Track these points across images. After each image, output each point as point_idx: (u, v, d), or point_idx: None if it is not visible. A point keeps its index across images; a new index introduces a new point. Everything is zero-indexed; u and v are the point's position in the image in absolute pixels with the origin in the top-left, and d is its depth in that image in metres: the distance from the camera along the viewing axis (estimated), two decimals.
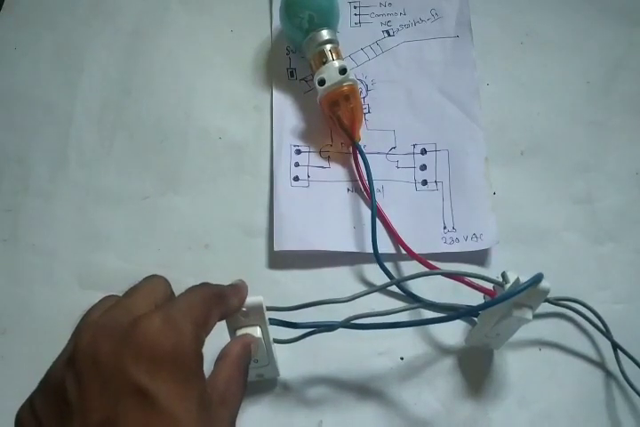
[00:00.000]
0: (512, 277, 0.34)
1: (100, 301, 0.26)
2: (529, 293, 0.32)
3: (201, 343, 0.25)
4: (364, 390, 0.40)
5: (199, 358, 0.24)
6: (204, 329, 0.26)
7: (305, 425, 0.38)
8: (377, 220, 0.43)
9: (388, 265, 0.42)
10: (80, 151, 0.47)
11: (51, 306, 0.42)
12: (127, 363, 0.22)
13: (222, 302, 0.28)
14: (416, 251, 0.42)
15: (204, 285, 0.28)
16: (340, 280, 0.43)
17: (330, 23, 0.46)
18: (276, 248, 0.43)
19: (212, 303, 0.27)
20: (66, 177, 0.46)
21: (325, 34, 0.45)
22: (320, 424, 0.38)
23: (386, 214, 0.44)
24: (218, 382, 0.27)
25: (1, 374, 0.40)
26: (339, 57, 0.45)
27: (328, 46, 0.45)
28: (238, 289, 0.31)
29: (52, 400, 0.23)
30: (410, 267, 0.43)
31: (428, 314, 0.42)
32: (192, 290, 0.27)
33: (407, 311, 0.40)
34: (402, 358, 0.41)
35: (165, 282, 0.27)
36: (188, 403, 0.22)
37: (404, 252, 0.43)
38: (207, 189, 0.46)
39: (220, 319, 0.28)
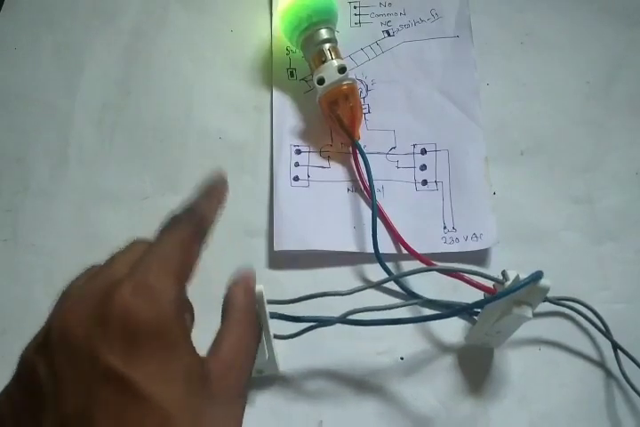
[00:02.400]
0: (512, 276, 0.34)
1: (84, 271, 0.24)
2: (529, 290, 0.32)
3: (182, 304, 0.22)
4: (363, 387, 0.40)
5: (181, 325, 0.21)
6: (184, 281, 0.22)
7: (305, 421, 0.39)
8: (377, 219, 0.43)
9: (389, 265, 0.42)
10: (80, 151, 0.47)
11: (51, 306, 0.42)
12: (98, 345, 0.19)
13: (202, 234, 0.24)
14: (416, 251, 0.42)
15: (179, 221, 0.23)
16: (340, 280, 0.43)
17: (329, 22, 0.46)
18: (276, 248, 0.43)
19: (190, 244, 0.23)
20: (66, 177, 0.46)
21: (324, 33, 0.45)
22: (320, 423, 0.38)
23: (386, 214, 0.44)
24: (222, 350, 0.23)
25: (1, 374, 0.40)
26: (338, 56, 0.45)
27: (327, 45, 0.45)
28: (209, 197, 0.25)
29: (24, 390, 0.20)
30: (410, 267, 0.43)
31: (429, 312, 0.42)
32: (164, 236, 0.23)
33: (407, 309, 0.40)
34: (402, 358, 0.41)
35: (148, 244, 0.23)
36: (172, 385, 0.19)
37: (404, 251, 0.43)
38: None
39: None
